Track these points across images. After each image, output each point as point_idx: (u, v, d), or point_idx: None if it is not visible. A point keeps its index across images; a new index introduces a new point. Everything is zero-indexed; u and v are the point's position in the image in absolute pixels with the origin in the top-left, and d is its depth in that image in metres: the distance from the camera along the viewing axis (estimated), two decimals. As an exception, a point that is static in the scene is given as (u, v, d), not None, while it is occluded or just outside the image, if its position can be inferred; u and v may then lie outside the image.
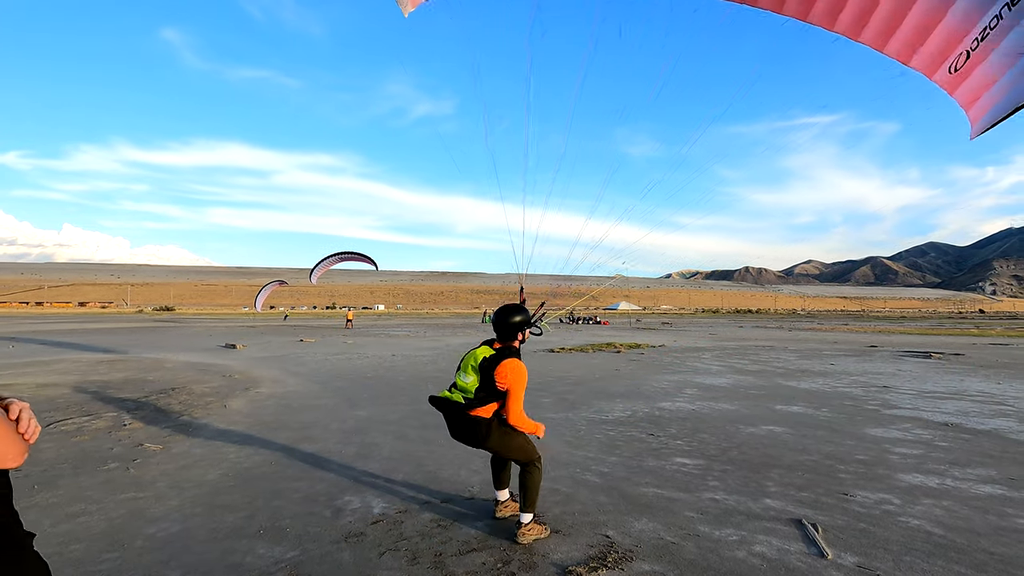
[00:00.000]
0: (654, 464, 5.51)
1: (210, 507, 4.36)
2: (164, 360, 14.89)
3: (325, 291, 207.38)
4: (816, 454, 5.89)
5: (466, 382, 3.71)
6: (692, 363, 15.24)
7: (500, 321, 3.81)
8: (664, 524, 3.99)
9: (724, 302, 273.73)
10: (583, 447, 6.18)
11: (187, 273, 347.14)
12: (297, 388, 10.54)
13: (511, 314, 3.80)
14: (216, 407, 8.45)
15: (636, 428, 7.12)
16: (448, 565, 3.39)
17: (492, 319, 3.83)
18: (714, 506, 4.35)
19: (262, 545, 3.68)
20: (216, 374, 12.12)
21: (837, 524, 4.00)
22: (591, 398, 9.39)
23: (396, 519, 4.11)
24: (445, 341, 24.32)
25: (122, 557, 3.50)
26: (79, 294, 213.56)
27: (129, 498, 4.57)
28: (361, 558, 3.49)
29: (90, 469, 5.31)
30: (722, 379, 11.96)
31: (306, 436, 6.69)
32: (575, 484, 4.89)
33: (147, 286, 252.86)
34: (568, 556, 3.50)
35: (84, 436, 6.53)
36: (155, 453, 5.90)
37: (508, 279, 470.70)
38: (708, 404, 8.88)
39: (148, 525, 4.01)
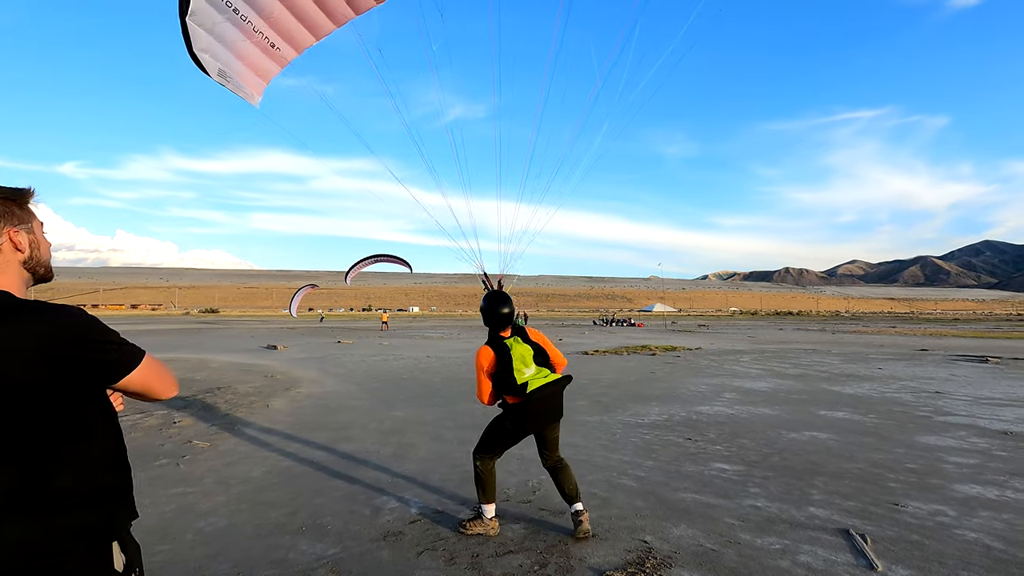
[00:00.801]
0: (692, 469, 5.41)
1: (255, 504, 4.51)
2: (209, 360, 15.45)
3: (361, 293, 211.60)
4: (863, 462, 5.67)
5: (536, 372, 3.90)
6: (730, 366, 14.90)
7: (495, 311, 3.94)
8: (704, 531, 3.91)
9: (763, 304, 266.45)
10: (619, 451, 6.11)
11: (231, 276, 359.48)
12: (335, 388, 10.78)
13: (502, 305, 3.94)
14: (259, 406, 8.72)
15: (673, 432, 7.01)
16: (485, 566, 3.41)
17: (484, 309, 3.98)
18: (755, 513, 4.24)
19: (304, 542, 3.78)
20: (258, 374, 12.51)
21: (887, 535, 3.84)
22: (626, 401, 9.29)
23: (433, 519, 4.16)
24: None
25: (174, 550, 3.65)
26: (131, 297, 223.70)
27: (179, 493, 4.76)
28: (400, 557, 3.55)
29: (143, 464, 5.56)
30: (762, 383, 11.65)
31: (344, 436, 6.83)
32: (611, 488, 4.85)
33: (193, 289, 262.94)
34: (605, 560, 3.47)
35: (138, 433, 6.84)
36: (203, 450, 6.13)
37: (542, 280, 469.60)
38: (747, 408, 8.67)
39: (197, 519, 4.17)
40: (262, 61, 3.32)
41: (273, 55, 3.34)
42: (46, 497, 1.36)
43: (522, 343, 3.96)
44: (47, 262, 1.58)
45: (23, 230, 1.49)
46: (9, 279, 1.45)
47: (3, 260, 1.45)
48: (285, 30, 3.31)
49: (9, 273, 1.46)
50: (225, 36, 2.95)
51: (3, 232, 1.45)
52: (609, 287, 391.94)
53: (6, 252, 1.46)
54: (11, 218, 1.47)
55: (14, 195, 1.50)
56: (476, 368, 3.85)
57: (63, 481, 1.38)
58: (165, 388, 1.57)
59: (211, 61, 2.89)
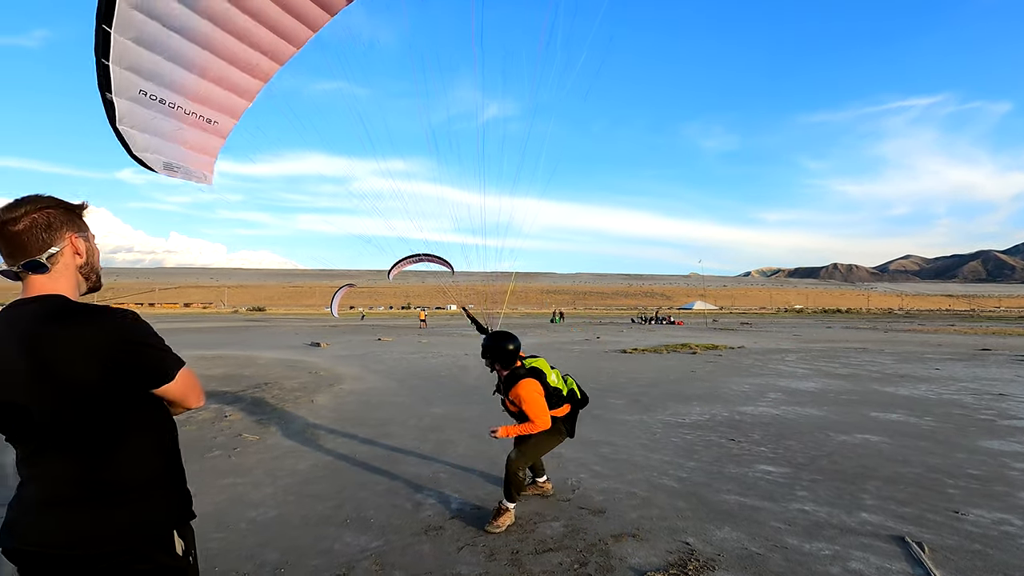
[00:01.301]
0: (735, 471, 5.29)
1: (301, 495, 4.66)
2: (257, 357, 16.03)
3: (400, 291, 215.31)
4: (919, 466, 5.42)
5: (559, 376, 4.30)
6: (775, 365, 14.46)
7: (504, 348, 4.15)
8: (748, 534, 3.82)
9: (809, 301, 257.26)
10: (659, 451, 6.03)
11: (276, 276, 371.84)
12: (376, 385, 11.02)
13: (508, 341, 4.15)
14: (304, 402, 9.00)
15: (715, 433, 6.86)
16: (525, 563, 3.42)
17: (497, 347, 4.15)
18: (803, 517, 4.11)
19: (349, 534, 3.88)
20: (303, 370, 12.90)
21: (947, 544, 3.66)
22: (666, 400, 9.15)
23: (473, 515, 4.20)
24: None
25: (228, 538, 3.82)
26: (184, 296, 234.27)
27: (231, 483, 4.97)
28: (441, 551, 3.60)
29: (197, 455, 5.83)
30: (809, 383, 11.26)
31: (386, 432, 6.98)
32: (652, 488, 4.79)
33: (241, 288, 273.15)
34: (646, 561, 3.43)
35: (191, 426, 7.16)
36: (252, 443, 6.38)
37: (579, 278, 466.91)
38: (794, 409, 8.40)
39: (248, 509, 4.34)
40: (204, 140, 3.36)
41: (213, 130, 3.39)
42: (111, 488, 1.46)
43: (534, 358, 4.25)
44: (98, 269, 1.69)
45: (82, 237, 1.60)
46: (65, 283, 1.55)
47: (63, 264, 1.55)
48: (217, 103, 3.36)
49: (66, 276, 1.56)
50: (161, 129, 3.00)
51: (66, 237, 1.55)
52: (647, 284, 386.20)
53: (67, 256, 1.56)
54: (73, 226, 1.58)
55: (75, 206, 1.62)
56: (535, 401, 3.94)
57: (125, 473, 1.49)
58: (197, 398, 1.67)
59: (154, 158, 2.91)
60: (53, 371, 1.38)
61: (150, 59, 2.79)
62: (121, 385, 1.46)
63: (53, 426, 1.42)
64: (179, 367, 1.57)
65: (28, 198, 1.54)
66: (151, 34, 2.75)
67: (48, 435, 1.43)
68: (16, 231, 1.48)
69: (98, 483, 1.46)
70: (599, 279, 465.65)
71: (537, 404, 3.95)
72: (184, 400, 1.63)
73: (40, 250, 1.50)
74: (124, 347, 1.44)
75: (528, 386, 3.96)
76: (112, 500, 1.46)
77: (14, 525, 1.46)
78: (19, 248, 1.49)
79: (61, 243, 1.54)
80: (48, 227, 1.51)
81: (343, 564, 3.43)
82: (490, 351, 4.14)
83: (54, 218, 1.53)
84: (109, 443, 1.48)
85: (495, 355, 4.13)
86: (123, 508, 1.47)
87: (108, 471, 1.47)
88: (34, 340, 1.39)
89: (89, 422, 1.44)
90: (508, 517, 3.97)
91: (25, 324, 1.42)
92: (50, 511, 1.44)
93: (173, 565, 1.55)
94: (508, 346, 4.11)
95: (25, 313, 1.45)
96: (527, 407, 3.94)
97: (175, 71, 2.96)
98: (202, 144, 3.39)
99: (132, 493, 1.49)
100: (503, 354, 4.11)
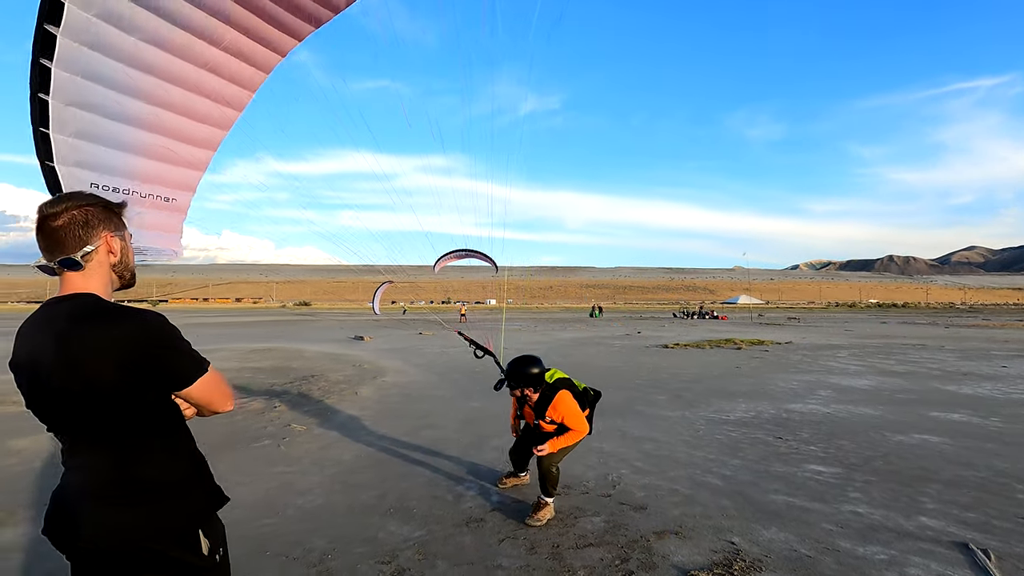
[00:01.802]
0: (783, 470, 5.12)
1: (347, 485, 4.79)
2: (303, 350, 16.55)
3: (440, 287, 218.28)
4: (985, 470, 5.11)
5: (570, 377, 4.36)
6: (825, 362, 13.92)
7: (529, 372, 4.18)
8: (797, 535, 3.70)
9: (863, 295, 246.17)
10: (702, 448, 5.90)
11: (321, 271, 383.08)
12: (417, 378, 11.20)
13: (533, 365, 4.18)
14: (348, 394, 9.24)
15: (761, 430, 6.66)
16: (566, 557, 3.42)
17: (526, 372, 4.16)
18: (856, 520, 3.95)
19: (392, 523, 3.97)
20: (347, 363, 13.25)
21: (1015, 552, 3.44)
22: (709, 396, 8.94)
23: (513, 508, 4.22)
24: (555, 335, 24.48)
25: (277, 523, 3.97)
26: (235, 291, 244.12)
27: (280, 472, 5.16)
28: (482, 543, 3.64)
29: (248, 445, 6.07)
30: (862, 380, 10.79)
31: (427, 424, 7.09)
32: (695, 486, 4.70)
33: (288, 283, 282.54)
34: (690, 560, 3.37)
35: (242, 416, 7.47)
36: (300, 433, 6.59)
37: (619, 272, 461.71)
38: (846, 407, 8.06)
39: (297, 497, 4.49)
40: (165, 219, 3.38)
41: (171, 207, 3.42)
42: (135, 486, 1.50)
43: (549, 370, 4.28)
44: (133, 268, 1.71)
45: (118, 236, 1.62)
46: (98, 281, 1.56)
47: (97, 262, 1.56)
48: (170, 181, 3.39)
49: (100, 275, 1.57)
50: None
51: (102, 236, 1.57)
52: (690, 278, 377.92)
53: (101, 255, 1.57)
54: (110, 224, 1.60)
55: (114, 205, 1.64)
56: (575, 412, 4.05)
57: (150, 472, 1.52)
58: (223, 401, 1.67)
59: None
60: (80, 369, 1.41)
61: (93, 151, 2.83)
62: (144, 386, 1.48)
63: (83, 421, 1.46)
64: (202, 371, 1.57)
65: (70, 194, 1.57)
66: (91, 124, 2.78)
67: (80, 430, 1.48)
68: (55, 227, 1.51)
69: (124, 480, 1.49)
70: (640, 273, 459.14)
71: (578, 415, 4.06)
72: (209, 404, 1.62)
73: (76, 248, 1.51)
74: (148, 349, 1.46)
75: (567, 400, 4.06)
76: (137, 498, 1.49)
77: (51, 515, 1.52)
78: (56, 244, 1.51)
79: (97, 241, 1.55)
80: (86, 224, 1.53)
81: (387, 552, 3.51)
82: (520, 378, 4.14)
83: (92, 216, 1.55)
84: (135, 441, 1.50)
85: (526, 382, 4.15)
86: (146, 506, 1.49)
87: (134, 468, 1.50)
88: (65, 338, 1.42)
89: (115, 419, 1.47)
90: (548, 511, 3.99)
91: (59, 322, 1.45)
92: (80, 504, 1.48)
93: (199, 564, 1.56)
94: (533, 369, 4.16)
95: (60, 311, 1.48)
96: (569, 420, 4.03)
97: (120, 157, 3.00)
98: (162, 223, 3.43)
99: (156, 492, 1.51)
100: (532, 378, 4.15)
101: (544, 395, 4.14)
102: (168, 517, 1.51)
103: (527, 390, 4.17)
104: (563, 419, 4.05)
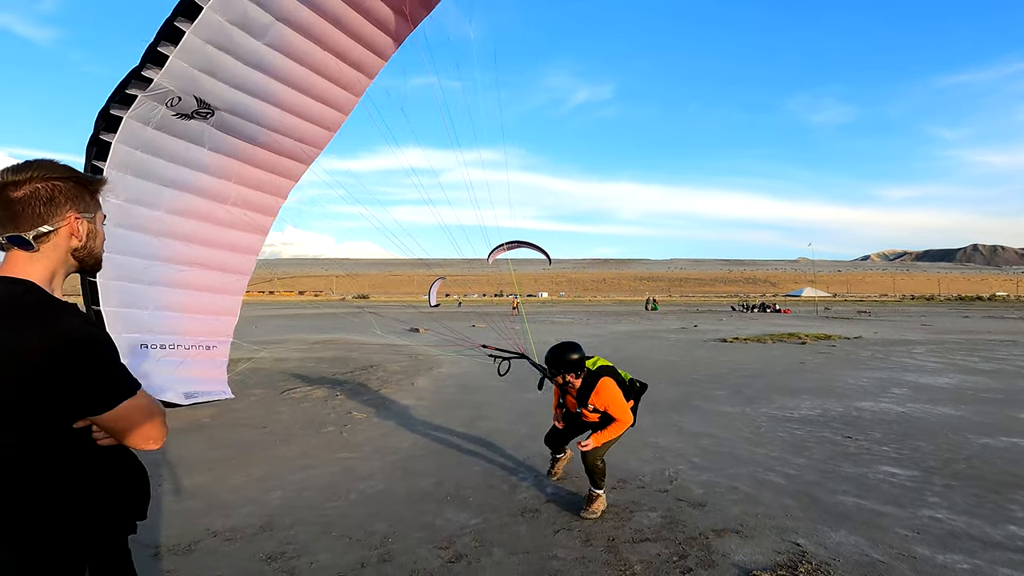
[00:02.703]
0: (852, 470, 4.87)
1: (406, 472, 4.94)
2: (363, 341, 17.13)
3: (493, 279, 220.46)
4: (1086, 477, 4.68)
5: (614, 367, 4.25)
6: (899, 358, 13.08)
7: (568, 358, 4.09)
8: (868, 539, 3.52)
9: (942, 287, 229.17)
10: (764, 445, 5.70)
11: (377, 265, 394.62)
12: (471, 369, 11.36)
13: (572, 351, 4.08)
14: (406, 384, 9.50)
15: (828, 429, 6.35)
16: (622, 551, 3.40)
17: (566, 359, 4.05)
18: (935, 526, 3.71)
19: (450, 510, 4.06)
20: (404, 355, 13.61)
21: (1122, 568, 3.14)
22: (771, 393, 8.60)
23: (568, 500, 4.23)
24: (608, 328, 24.21)
25: (341, 507, 4.15)
26: (299, 284, 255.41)
27: (343, 457, 5.38)
28: (537, 533, 3.67)
29: (313, 431, 6.36)
30: (942, 378, 10.07)
31: (482, 415, 7.19)
32: (756, 484, 4.55)
33: (347, 277, 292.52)
34: (751, 559, 3.27)
35: (307, 403, 7.83)
36: (361, 421, 6.85)
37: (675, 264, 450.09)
38: (923, 407, 7.56)
39: (359, 482, 4.68)
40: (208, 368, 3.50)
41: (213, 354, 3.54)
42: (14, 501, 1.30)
43: (591, 358, 4.21)
44: (99, 254, 1.50)
45: (86, 218, 1.41)
46: (43, 267, 1.35)
47: (52, 244, 1.36)
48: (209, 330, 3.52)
49: (50, 259, 1.37)
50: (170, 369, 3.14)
51: (67, 216, 1.37)
52: (749, 270, 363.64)
53: (60, 237, 1.37)
54: (79, 203, 1.40)
55: (89, 182, 1.44)
56: (619, 401, 3.97)
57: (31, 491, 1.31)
58: (145, 438, 1.39)
59: (173, 396, 3.03)
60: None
61: (137, 316, 3.01)
62: (44, 403, 1.27)
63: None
64: (123, 398, 1.33)
65: (40, 162, 1.36)
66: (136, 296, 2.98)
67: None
68: (14, 198, 1.30)
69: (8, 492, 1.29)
70: (696, 265, 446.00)
71: (622, 403, 3.98)
72: (122, 434, 1.36)
73: (31, 226, 1.31)
74: (59, 360, 1.25)
75: (610, 386, 3.97)
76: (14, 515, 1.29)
77: None
78: (11, 217, 1.31)
79: (58, 222, 1.35)
80: (50, 201, 1.33)
81: (445, 539, 3.60)
82: (560, 364, 4.07)
83: (59, 192, 1.35)
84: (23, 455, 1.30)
85: (566, 367, 4.06)
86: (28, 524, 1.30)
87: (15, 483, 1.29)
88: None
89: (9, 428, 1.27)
90: (601, 502, 3.96)
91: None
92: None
93: None
94: (573, 355, 4.05)
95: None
96: (614, 408, 3.94)
97: (163, 316, 3.19)
98: (205, 371, 3.60)
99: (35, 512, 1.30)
100: (572, 364, 4.06)
101: (586, 382, 4.06)
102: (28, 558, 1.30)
103: (568, 376, 4.08)
104: (607, 407, 3.96)
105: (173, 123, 2.92)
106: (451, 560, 3.32)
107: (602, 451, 4.02)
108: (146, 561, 3.32)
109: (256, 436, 6.13)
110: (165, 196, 3.03)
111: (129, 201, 2.86)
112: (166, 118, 2.88)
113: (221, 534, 3.68)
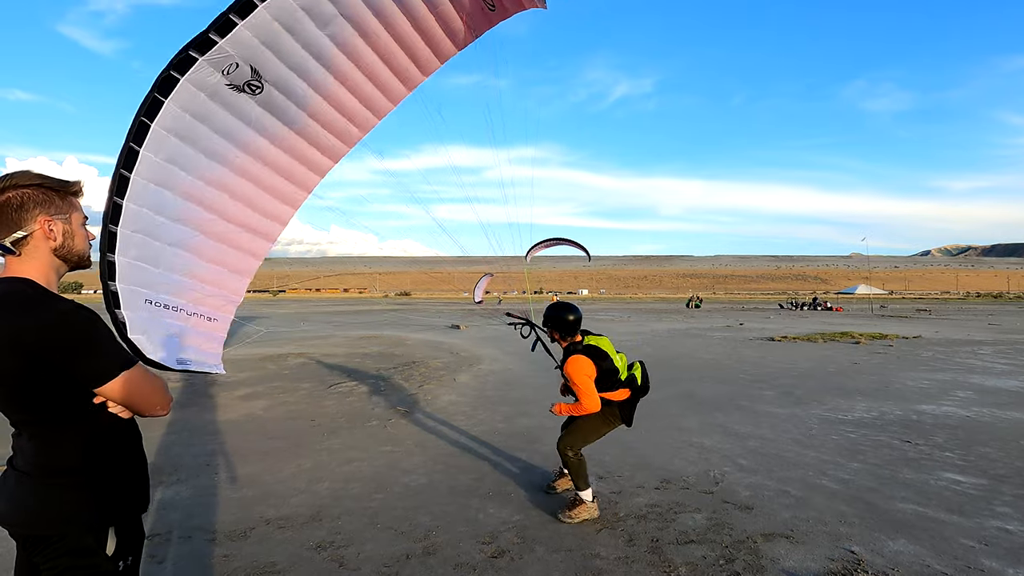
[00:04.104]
0: (912, 477, 4.64)
1: (448, 466, 5.01)
2: (405, 338, 17.44)
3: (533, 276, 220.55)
4: None
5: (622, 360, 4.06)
6: (963, 359, 12.36)
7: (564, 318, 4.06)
8: (931, 549, 3.35)
9: (1012, 284, 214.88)
10: (815, 448, 5.50)
11: (419, 263, 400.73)
12: (511, 366, 11.41)
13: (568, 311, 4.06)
14: (447, 380, 9.63)
15: (885, 432, 6.07)
16: (666, 552, 3.35)
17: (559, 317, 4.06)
18: (1005, 538, 3.50)
19: (492, 505, 4.10)
20: (446, 351, 13.79)
21: None
22: (823, 394, 8.28)
23: (610, 499, 4.20)
24: (650, 327, 23.82)
25: (386, 499, 4.24)
26: (344, 282, 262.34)
27: (387, 451, 5.50)
28: (580, 532, 3.66)
29: (359, 424, 6.53)
30: (1012, 381, 9.46)
31: (522, 411, 7.21)
32: (807, 488, 4.39)
33: (390, 275, 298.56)
34: (802, 565, 3.17)
35: (353, 397, 8.04)
36: (404, 415, 6.99)
37: (719, 261, 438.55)
38: (990, 411, 7.12)
39: (403, 475, 4.78)
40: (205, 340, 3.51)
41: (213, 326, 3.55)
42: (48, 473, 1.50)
43: (598, 336, 4.09)
44: (81, 252, 1.62)
45: (59, 219, 1.54)
46: (35, 266, 1.52)
47: (33, 246, 1.51)
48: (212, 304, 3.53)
49: (37, 259, 1.53)
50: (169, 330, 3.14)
51: (38, 220, 1.51)
52: (799, 266, 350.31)
53: (37, 239, 1.51)
54: (48, 207, 1.53)
55: (58, 186, 1.57)
56: (581, 382, 3.77)
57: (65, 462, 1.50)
58: (149, 404, 1.57)
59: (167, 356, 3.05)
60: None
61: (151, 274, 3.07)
62: (51, 379, 1.44)
63: (4, 406, 1.49)
64: (120, 370, 1.49)
65: (12, 174, 1.52)
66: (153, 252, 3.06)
67: (7, 413, 1.50)
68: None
69: (41, 466, 1.49)
70: (741, 261, 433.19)
71: (583, 383, 3.77)
72: (131, 404, 1.54)
73: (10, 231, 1.48)
74: (57, 341, 1.42)
75: (576, 363, 3.81)
76: (46, 483, 1.49)
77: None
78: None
79: (31, 226, 1.50)
80: (20, 208, 1.49)
81: (487, 533, 3.63)
82: (551, 319, 4.10)
83: (28, 199, 1.50)
84: (52, 429, 1.49)
85: (555, 323, 4.08)
86: (55, 494, 1.48)
87: (49, 455, 1.49)
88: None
89: (30, 407, 1.47)
90: (584, 510, 3.82)
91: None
92: (4, 486, 1.52)
93: (100, 565, 1.51)
94: (568, 316, 4.02)
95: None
96: (574, 386, 3.83)
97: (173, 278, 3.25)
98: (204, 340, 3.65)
99: (65, 481, 1.49)
100: (562, 324, 4.04)
101: (567, 350, 4.02)
102: (73, 506, 1.49)
103: (555, 334, 4.10)
104: (570, 384, 3.88)
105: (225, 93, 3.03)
106: (494, 555, 3.35)
107: (572, 440, 3.95)
108: (205, 545, 3.49)
109: (305, 428, 6.35)
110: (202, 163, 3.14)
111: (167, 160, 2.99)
112: (219, 86, 2.98)
113: (274, 522, 3.83)
